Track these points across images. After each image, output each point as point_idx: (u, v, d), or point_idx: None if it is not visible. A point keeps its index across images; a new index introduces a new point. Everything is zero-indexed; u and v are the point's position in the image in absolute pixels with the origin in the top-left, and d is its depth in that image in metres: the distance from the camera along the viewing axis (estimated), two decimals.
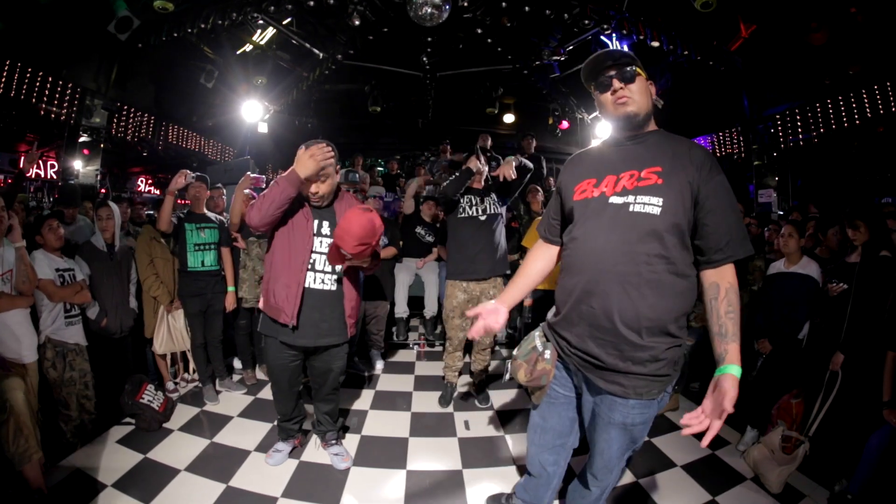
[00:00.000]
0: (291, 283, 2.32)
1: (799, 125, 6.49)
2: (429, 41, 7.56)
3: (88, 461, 2.64)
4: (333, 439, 2.80)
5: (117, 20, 5.52)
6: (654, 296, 1.39)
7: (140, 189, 10.17)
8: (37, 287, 2.60)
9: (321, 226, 2.40)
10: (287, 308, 2.32)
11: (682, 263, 1.41)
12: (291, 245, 2.34)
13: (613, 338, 1.44)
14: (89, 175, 6.63)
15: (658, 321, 1.40)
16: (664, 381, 1.46)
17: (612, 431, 1.54)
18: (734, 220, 1.40)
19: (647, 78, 1.54)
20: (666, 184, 1.40)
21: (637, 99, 1.49)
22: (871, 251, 2.77)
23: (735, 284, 1.41)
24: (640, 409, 1.47)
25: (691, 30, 6.28)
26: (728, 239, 1.38)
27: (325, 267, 2.38)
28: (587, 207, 1.52)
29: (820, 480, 2.62)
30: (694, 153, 1.44)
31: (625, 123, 1.53)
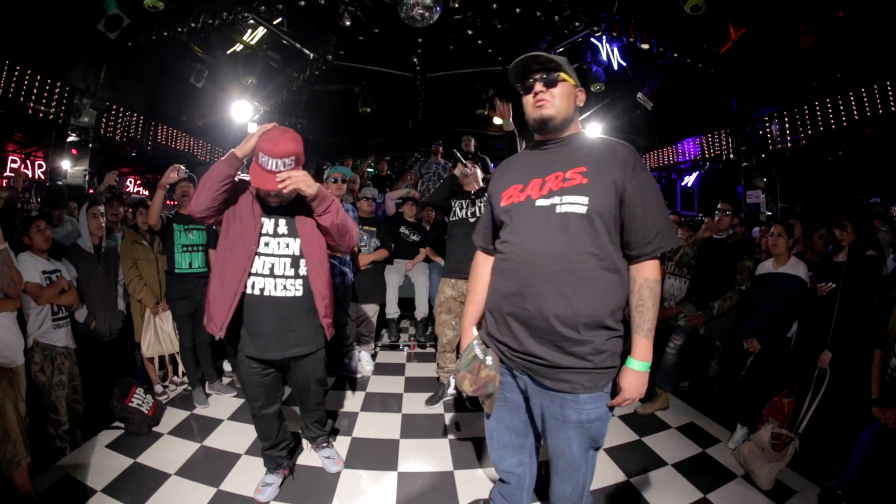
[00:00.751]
0: (228, 290, 2.07)
1: (787, 127, 6.57)
2: (419, 42, 7.55)
3: (77, 466, 2.60)
4: (325, 443, 2.75)
5: (107, 18, 5.45)
6: (588, 292, 1.42)
7: (129, 190, 10.05)
8: (23, 290, 2.56)
9: (277, 225, 2.15)
10: (217, 316, 2.08)
11: (612, 259, 1.45)
12: (233, 245, 2.10)
13: (552, 336, 1.46)
14: (77, 175, 6.53)
15: (595, 316, 1.43)
16: (609, 372, 1.50)
17: (570, 432, 1.54)
18: (658, 215, 1.45)
19: (577, 85, 1.57)
20: (591, 182, 1.43)
21: (557, 103, 1.51)
22: (857, 251, 2.81)
23: (652, 279, 1.47)
24: (592, 403, 1.49)
25: (681, 32, 6.33)
26: (655, 232, 1.43)
27: (286, 271, 2.14)
28: (514, 212, 1.55)
29: (810, 477, 2.65)
30: (618, 152, 1.48)
31: (541, 126, 1.55)
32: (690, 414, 3.51)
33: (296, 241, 2.16)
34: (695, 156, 8.93)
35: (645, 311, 1.46)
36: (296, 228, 2.16)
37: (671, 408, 3.56)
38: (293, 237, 2.16)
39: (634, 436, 3.17)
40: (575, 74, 1.55)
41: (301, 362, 2.32)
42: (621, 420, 3.40)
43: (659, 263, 1.48)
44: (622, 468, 2.74)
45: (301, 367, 2.34)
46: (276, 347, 2.19)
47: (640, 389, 1.49)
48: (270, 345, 2.17)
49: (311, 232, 2.17)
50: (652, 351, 1.49)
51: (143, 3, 5.04)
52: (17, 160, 7.58)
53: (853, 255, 2.82)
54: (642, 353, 1.47)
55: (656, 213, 1.44)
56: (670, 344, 3.56)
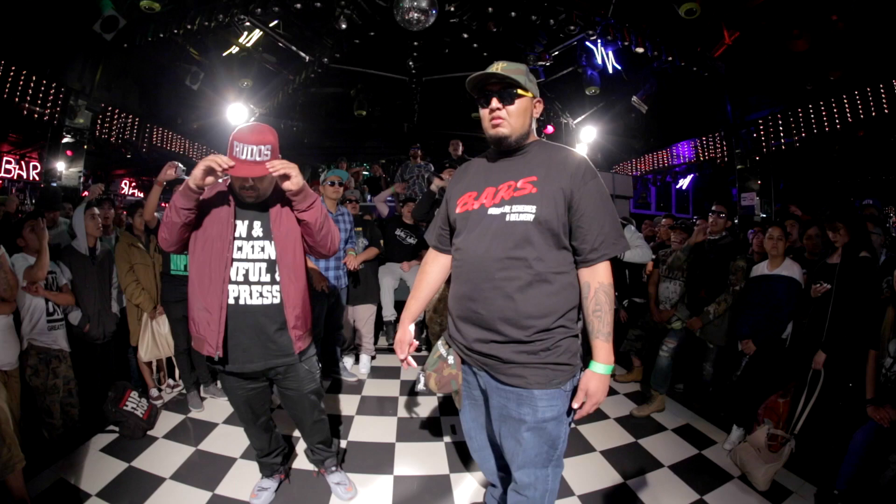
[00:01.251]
0: (212, 304, 1.92)
1: (781, 130, 6.62)
2: (415, 45, 7.58)
3: (72, 470, 2.58)
4: (333, 466, 2.51)
5: (103, 19, 5.43)
6: (535, 296, 1.46)
7: (123, 191, 10.01)
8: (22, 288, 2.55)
9: (251, 227, 1.99)
10: (210, 336, 1.93)
11: (559, 264, 1.49)
12: (207, 255, 1.93)
13: (502, 338, 1.50)
14: (72, 177, 6.51)
15: (542, 318, 1.46)
16: (565, 370, 1.50)
17: (526, 432, 1.52)
18: (606, 222, 1.48)
19: (536, 96, 1.57)
20: (540, 192, 1.47)
21: (512, 122, 1.52)
22: (851, 252, 2.83)
23: (606, 283, 1.49)
24: (547, 401, 1.48)
25: (676, 36, 6.38)
26: (602, 240, 1.47)
27: (261, 277, 1.98)
28: (468, 219, 1.59)
29: (807, 477, 2.66)
30: (569, 161, 1.51)
31: (496, 143, 1.58)
32: (686, 416, 3.52)
33: (271, 243, 2.01)
34: (689, 158, 8.98)
35: (603, 315, 1.48)
36: (270, 230, 2.01)
37: (667, 410, 3.57)
38: (268, 240, 2.00)
39: (630, 438, 3.17)
40: (534, 83, 1.56)
41: (288, 374, 2.14)
42: (617, 422, 3.40)
43: (609, 266, 1.51)
44: (618, 470, 2.74)
45: (292, 379, 2.16)
46: (258, 358, 2.02)
47: (603, 391, 1.49)
48: (251, 356, 2.01)
49: (286, 233, 2.02)
50: (613, 353, 1.50)
51: (139, 4, 5.03)
52: (11, 161, 7.53)
53: (846, 257, 2.84)
54: (604, 356, 1.47)
55: (602, 221, 1.47)
56: (664, 347, 3.57)
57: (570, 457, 2.85)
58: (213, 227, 1.93)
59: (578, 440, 3.09)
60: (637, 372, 4.15)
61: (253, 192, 1.93)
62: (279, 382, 2.18)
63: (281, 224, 2.02)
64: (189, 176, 1.81)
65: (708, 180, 9.71)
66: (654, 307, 3.88)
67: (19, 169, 7.71)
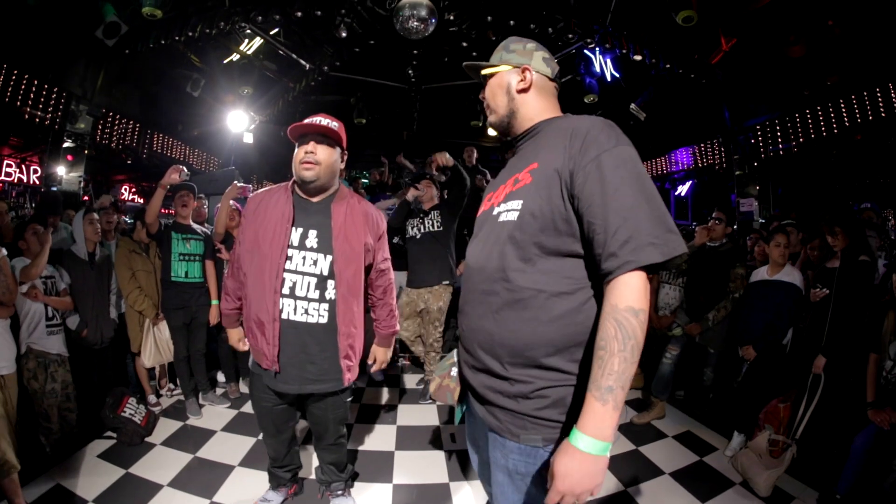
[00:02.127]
0: (264, 316, 1.85)
1: (779, 135, 6.65)
2: (415, 54, 7.63)
3: (69, 476, 2.56)
4: (340, 490, 2.40)
5: (105, 25, 5.45)
6: (516, 319, 1.10)
7: (123, 197, 10.01)
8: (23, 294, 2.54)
9: (306, 236, 1.87)
10: (267, 350, 1.86)
11: (556, 279, 1.08)
12: (258, 260, 1.86)
13: (478, 363, 1.20)
14: (72, 182, 6.51)
15: (523, 350, 1.09)
16: (548, 426, 1.09)
17: (500, 474, 1.20)
18: (630, 210, 0.98)
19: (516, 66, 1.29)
20: (533, 181, 1.13)
21: (491, 105, 1.33)
22: (850, 256, 2.84)
23: (622, 306, 0.96)
24: (519, 454, 1.13)
25: (673, 43, 6.42)
26: (623, 238, 0.96)
27: (309, 293, 1.86)
28: (477, 223, 1.35)
29: (808, 482, 2.65)
30: (574, 130, 1.10)
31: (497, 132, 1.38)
32: (687, 422, 3.50)
33: (326, 258, 1.87)
34: (688, 165, 9.01)
35: (606, 357, 0.95)
36: (330, 244, 1.87)
37: (667, 417, 3.56)
38: (323, 253, 1.87)
39: (631, 445, 3.15)
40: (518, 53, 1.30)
41: (320, 401, 2.06)
42: (618, 430, 3.38)
43: (640, 282, 0.97)
44: (619, 478, 2.72)
45: (320, 406, 2.08)
46: (293, 380, 1.91)
47: (582, 479, 0.95)
48: (287, 376, 1.90)
49: (349, 251, 1.90)
50: (613, 425, 0.96)
51: (141, 11, 5.06)
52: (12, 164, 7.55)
53: (845, 261, 2.84)
54: (592, 423, 0.95)
55: (622, 210, 0.98)
56: (667, 354, 3.56)
57: None
58: (268, 231, 1.86)
59: None
60: (637, 379, 4.13)
61: (313, 165, 1.82)
62: (309, 405, 2.11)
63: (345, 239, 1.90)
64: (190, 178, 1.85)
65: (706, 187, 9.73)
66: (653, 313, 3.87)
67: (20, 173, 7.71)
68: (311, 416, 2.18)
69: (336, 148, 1.92)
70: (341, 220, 1.91)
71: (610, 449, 0.96)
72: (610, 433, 0.96)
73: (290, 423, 2.23)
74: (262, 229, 1.88)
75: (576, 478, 0.95)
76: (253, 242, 1.90)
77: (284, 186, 1.98)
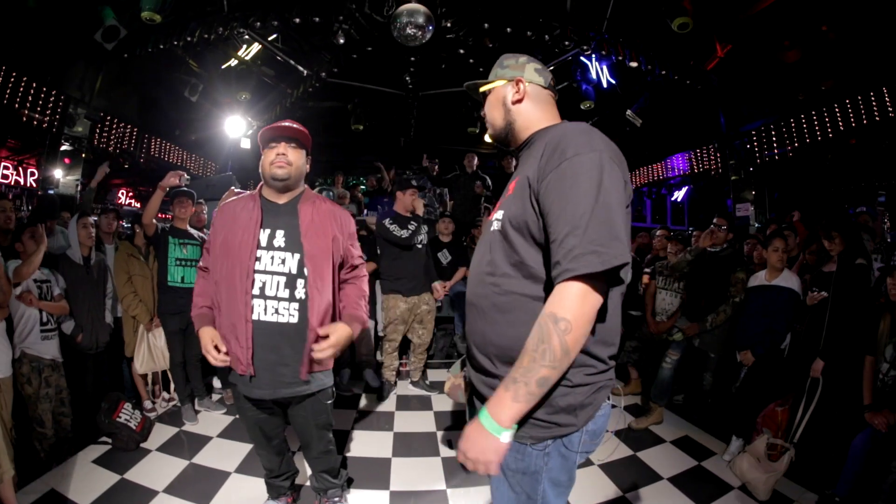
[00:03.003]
0: (236, 318, 1.83)
1: (774, 140, 6.70)
2: (412, 61, 7.66)
3: (63, 481, 2.54)
4: (337, 497, 2.37)
5: (104, 29, 5.46)
6: (503, 321, 1.17)
7: (120, 201, 9.98)
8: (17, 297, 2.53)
9: (273, 236, 1.88)
10: (241, 353, 1.83)
11: (535, 284, 1.13)
12: (228, 263, 1.85)
13: (475, 362, 1.28)
14: (69, 185, 6.49)
15: (510, 350, 1.12)
16: (539, 426, 1.13)
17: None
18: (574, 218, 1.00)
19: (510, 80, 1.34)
20: (514, 192, 1.19)
21: (489, 119, 1.39)
22: (846, 260, 2.85)
23: (547, 311, 1.02)
24: (511, 451, 1.14)
25: (669, 50, 6.47)
26: (569, 247, 0.99)
27: (279, 292, 1.86)
28: (482, 231, 1.43)
29: (807, 485, 2.65)
30: (550, 140, 1.13)
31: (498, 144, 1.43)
32: (685, 427, 3.50)
33: (294, 256, 1.87)
34: (684, 171, 9.06)
35: (522, 354, 1.03)
36: (298, 241, 1.89)
37: (665, 422, 3.55)
38: (291, 252, 1.88)
39: (629, 451, 3.14)
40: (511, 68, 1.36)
41: (299, 404, 2.02)
42: (615, 435, 3.36)
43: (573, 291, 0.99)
44: (617, 483, 2.71)
45: (300, 408, 2.03)
46: (266, 385, 1.88)
47: (475, 447, 1.05)
48: (260, 381, 1.87)
49: (317, 249, 1.90)
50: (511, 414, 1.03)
51: (140, 15, 5.07)
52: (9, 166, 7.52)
53: (842, 265, 2.85)
54: (493, 403, 1.04)
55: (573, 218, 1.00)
56: (667, 359, 3.56)
57: None
58: (237, 234, 1.87)
59: None
60: (634, 384, 4.13)
61: (286, 164, 1.89)
62: (290, 410, 2.07)
63: (312, 237, 1.91)
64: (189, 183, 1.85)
65: (703, 192, 9.78)
66: (650, 319, 3.88)
67: (16, 175, 7.68)
68: (294, 425, 2.13)
69: (303, 151, 1.99)
70: (308, 218, 1.93)
71: (508, 437, 1.04)
72: (505, 418, 1.02)
73: (279, 431, 2.18)
74: (231, 234, 1.89)
75: (471, 443, 1.06)
76: (222, 247, 1.90)
77: (251, 194, 2.03)
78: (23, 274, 2.64)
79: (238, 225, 1.89)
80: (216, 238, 1.95)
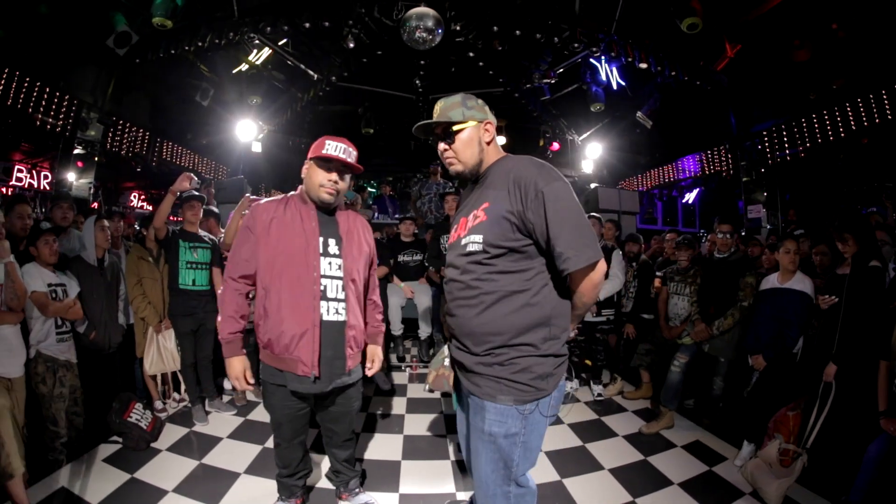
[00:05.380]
0: (304, 322, 1.93)
1: (786, 140, 6.62)
2: (422, 64, 7.70)
3: (74, 479, 2.57)
4: (357, 487, 2.47)
5: (116, 35, 5.56)
6: (488, 314, 1.50)
7: (132, 204, 10.12)
8: (29, 298, 2.56)
9: (327, 243, 2.02)
10: (305, 356, 1.94)
11: (515, 283, 1.49)
12: (290, 270, 1.95)
13: (462, 346, 1.59)
14: (83, 188, 6.60)
15: (495, 334, 1.49)
16: (521, 389, 1.48)
17: (478, 443, 1.58)
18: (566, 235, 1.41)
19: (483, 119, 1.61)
20: (488, 220, 1.50)
21: (461, 157, 1.60)
22: (860, 262, 2.80)
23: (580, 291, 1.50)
24: (495, 415, 1.50)
25: (678, 51, 6.44)
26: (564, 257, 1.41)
27: (338, 293, 2.01)
28: (450, 248, 1.70)
29: (820, 492, 2.60)
30: (513, 178, 1.48)
31: (458, 179, 1.70)
32: (696, 432, 3.45)
33: (342, 260, 2.05)
34: (695, 172, 8.99)
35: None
36: (343, 247, 2.05)
37: (676, 426, 3.51)
38: (340, 257, 2.04)
39: (639, 455, 3.11)
40: (475, 108, 1.60)
41: (344, 392, 2.17)
42: (625, 440, 3.35)
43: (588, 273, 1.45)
44: (627, 489, 2.68)
45: (343, 397, 2.18)
46: (325, 379, 2.01)
47: None
48: (322, 376, 2.00)
49: (355, 252, 2.09)
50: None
51: (151, 21, 5.15)
52: (23, 170, 7.67)
53: (856, 267, 2.80)
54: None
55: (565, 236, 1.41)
56: (675, 362, 3.53)
57: (578, 475, 2.83)
58: (294, 241, 1.96)
59: (586, 458, 3.05)
60: (646, 388, 4.09)
61: (335, 193, 2.00)
62: (330, 399, 2.16)
63: (351, 242, 2.09)
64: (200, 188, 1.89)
65: (714, 194, 9.68)
66: (663, 324, 3.86)
67: (31, 178, 7.83)
68: (331, 413, 2.23)
69: (349, 175, 2.11)
70: (346, 227, 2.10)
71: None
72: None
73: (306, 426, 2.26)
74: (287, 241, 1.97)
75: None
76: (280, 254, 1.96)
77: (293, 199, 2.08)
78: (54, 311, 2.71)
79: (294, 232, 1.98)
80: (265, 246, 1.97)
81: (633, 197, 7.23)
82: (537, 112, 9.15)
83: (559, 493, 2.63)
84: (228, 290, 2.03)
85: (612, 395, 4.19)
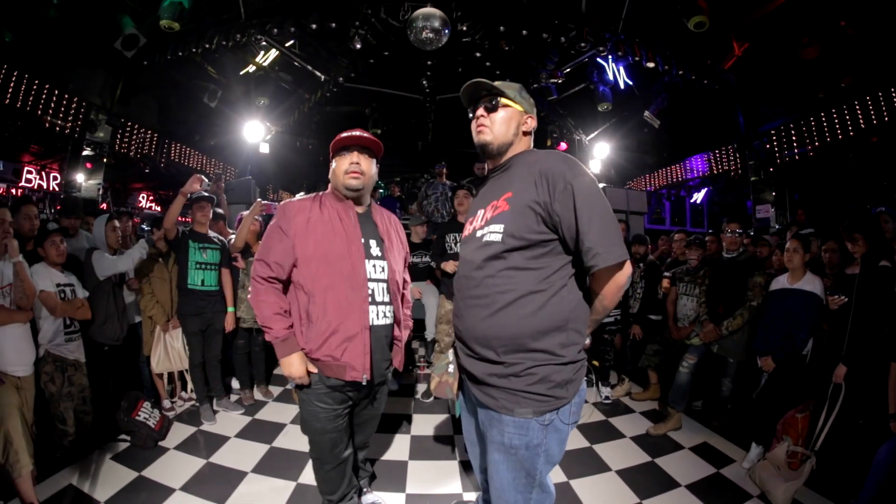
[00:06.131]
0: (354, 328, 1.87)
1: (794, 139, 6.55)
2: (429, 64, 7.70)
3: (82, 477, 2.60)
4: (367, 486, 2.47)
5: (124, 37, 5.61)
6: (504, 315, 1.41)
7: (141, 205, 10.21)
8: (38, 298, 2.59)
9: (369, 245, 1.96)
10: (358, 361, 1.87)
11: (533, 282, 1.40)
12: (333, 273, 1.86)
13: (474, 354, 1.49)
14: (91, 189, 6.67)
15: (511, 339, 1.39)
16: (540, 400, 1.38)
17: (496, 454, 1.48)
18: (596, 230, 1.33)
19: (527, 111, 1.59)
20: (511, 209, 1.43)
21: (494, 129, 1.55)
22: (870, 262, 2.76)
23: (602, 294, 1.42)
24: (514, 428, 1.41)
25: (685, 50, 6.40)
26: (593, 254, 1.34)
27: (384, 297, 1.97)
28: (463, 243, 1.65)
29: (828, 495, 2.57)
30: (539, 169, 1.42)
31: (482, 150, 1.61)
32: (704, 434, 3.43)
33: (385, 262, 2.00)
34: (703, 172, 8.93)
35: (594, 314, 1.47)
36: (385, 249, 2.02)
37: (684, 428, 3.48)
38: (383, 258, 2.00)
39: (647, 457, 3.09)
40: (527, 101, 1.58)
41: (379, 393, 2.18)
42: (633, 441, 3.33)
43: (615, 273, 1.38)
44: (634, 491, 2.67)
45: (378, 398, 2.19)
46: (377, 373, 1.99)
47: None
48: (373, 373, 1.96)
49: (395, 253, 2.06)
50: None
51: (159, 23, 5.19)
52: (32, 171, 7.77)
53: (866, 267, 2.77)
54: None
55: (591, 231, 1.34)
56: (684, 363, 3.50)
57: (585, 476, 2.82)
58: (336, 243, 1.88)
59: (594, 460, 3.04)
60: (654, 389, 4.07)
61: (360, 175, 1.94)
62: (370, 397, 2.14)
63: (391, 243, 2.07)
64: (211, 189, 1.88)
65: (722, 193, 9.61)
66: (672, 324, 3.84)
67: (40, 179, 7.93)
68: (363, 415, 2.22)
69: (374, 160, 2.04)
70: (384, 227, 2.08)
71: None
72: None
73: (347, 433, 2.08)
74: (328, 243, 1.88)
75: None
76: (321, 257, 1.87)
77: (326, 197, 2.01)
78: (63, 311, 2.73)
79: (334, 233, 1.90)
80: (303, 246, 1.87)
81: (641, 197, 7.19)
82: (544, 112, 9.14)
83: (566, 494, 2.62)
84: (264, 289, 1.89)
85: (620, 396, 4.17)
